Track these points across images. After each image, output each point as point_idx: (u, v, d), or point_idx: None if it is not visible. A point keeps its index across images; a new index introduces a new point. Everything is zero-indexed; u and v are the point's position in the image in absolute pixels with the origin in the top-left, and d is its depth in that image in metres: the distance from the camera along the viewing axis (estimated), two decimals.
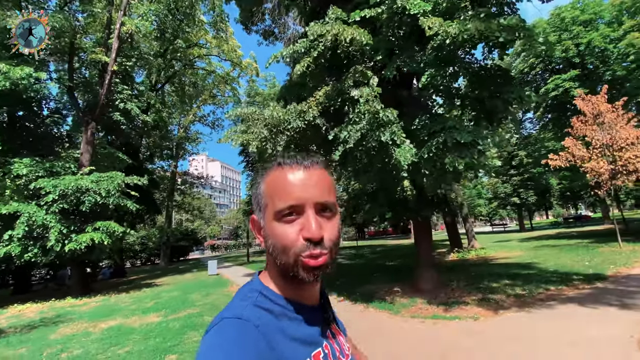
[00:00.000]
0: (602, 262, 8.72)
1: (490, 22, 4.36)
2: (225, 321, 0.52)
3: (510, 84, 5.55)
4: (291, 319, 0.57)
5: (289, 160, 0.61)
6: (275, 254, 0.57)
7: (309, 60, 6.46)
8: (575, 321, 4.61)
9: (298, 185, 0.58)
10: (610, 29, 22.67)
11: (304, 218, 0.56)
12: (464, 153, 4.97)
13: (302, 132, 6.67)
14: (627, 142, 10.38)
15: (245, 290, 0.62)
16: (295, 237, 0.55)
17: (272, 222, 0.57)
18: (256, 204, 0.63)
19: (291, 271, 0.56)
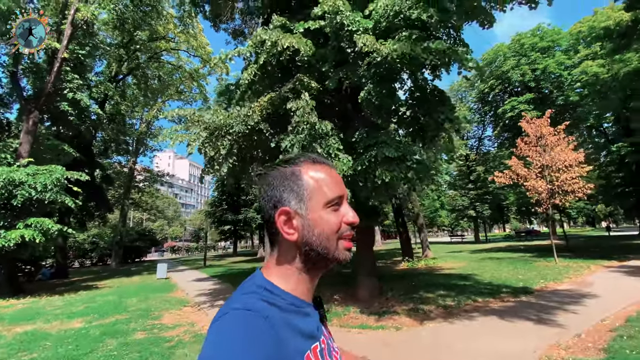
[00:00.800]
0: (534, 277, 9.27)
1: (415, 45, 4.52)
2: (235, 312, 0.52)
3: (444, 105, 5.80)
4: (294, 312, 0.59)
5: (318, 158, 0.67)
6: (319, 240, 0.62)
7: (256, 67, 6.41)
8: (489, 334, 4.82)
9: (338, 180, 0.66)
10: (566, 57, 24.48)
11: (344, 207, 0.65)
12: (392, 167, 5.10)
13: (246, 137, 6.57)
14: (564, 164, 11.19)
15: (249, 285, 0.62)
16: (340, 222, 0.63)
17: (321, 210, 0.62)
18: (295, 195, 0.63)
19: (332, 254, 0.63)
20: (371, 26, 5.63)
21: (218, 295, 9.75)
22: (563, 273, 9.51)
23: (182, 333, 5.91)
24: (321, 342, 0.63)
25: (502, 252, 17.80)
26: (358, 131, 6.18)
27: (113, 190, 27.57)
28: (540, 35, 25.36)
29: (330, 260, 0.63)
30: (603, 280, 8.49)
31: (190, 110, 6.28)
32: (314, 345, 0.60)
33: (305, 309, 0.63)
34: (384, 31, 5.68)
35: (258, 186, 0.70)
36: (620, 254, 13.07)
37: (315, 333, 0.62)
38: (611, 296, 6.64)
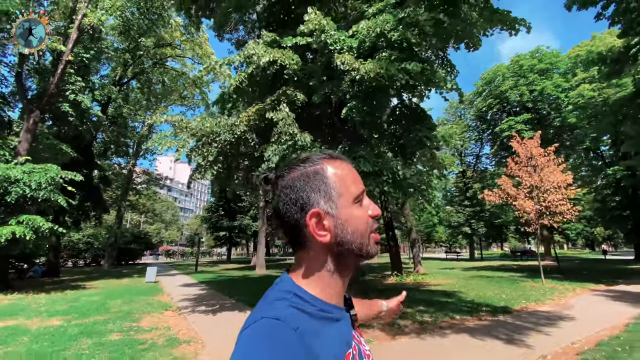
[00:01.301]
0: (517, 297, 9.25)
1: (390, 65, 4.72)
2: (264, 321, 0.52)
3: (422, 123, 5.96)
4: (325, 319, 0.58)
5: (335, 154, 0.67)
6: (354, 237, 0.61)
7: (244, 76, 6.64)
8: (456, 351, 4.85)
9: (357, 175, 0.66)
10: (563, 79, 24.80)
11: (366, 201, 0.65)
12: (368, 182, 5.22)
13: (233, 145, 6.74)
14: (553, 185, 11.28)
15: (278, 290, 0.60)
16: (367, 217, 0.63)
17: (351, 207, 0.62)
18: (323, 194, 0.61)
19: (365, 249, 0.62)
20: (356, 45, 5.85)
21: (201, 301, 9.77)
22: (547, 294, 9.49)
23: (157, 336, 5.95)
24: (353, 349, 0.61)
25: (494, 271, 17.72)
26: (340, 145, 6.34)
27: (111, 192, 27.76)
28: (539, 58, 25.78)
29: (362, 256, 0.63)
30: (585, 303, 8.47)
31: (178, 117, 6.46)
32: (347, 352, 0.58)
33: (336, 314, 0.61)
34: (368, 50, 5.90)
35: (263, 191, 0.74)
36: (610, 278, 13.01)
37: (347, 340, 0.61)
38: (589, 320, 6.64)
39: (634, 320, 6.47)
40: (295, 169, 0.64)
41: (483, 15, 6.24)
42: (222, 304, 9.26)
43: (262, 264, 20.72)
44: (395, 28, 5.42)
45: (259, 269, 20.40)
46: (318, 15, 5.48)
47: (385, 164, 5.48)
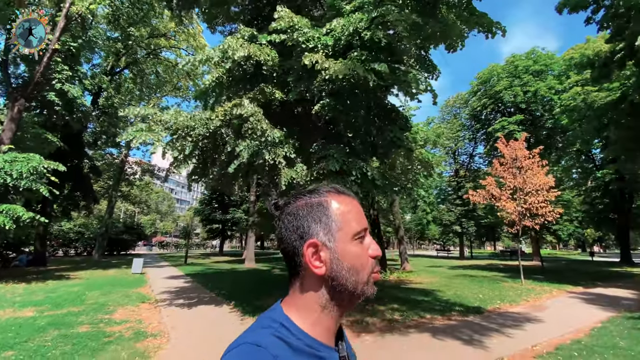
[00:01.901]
0: (494, 297, 9.35)
1: (358, 65, 4.69)
2: (245, 346, 0.53)
3: (395, 124, 5.96)
4: (308, 355, 0.57)
5: (341, 189, 0.67)
6: (350, 274, 0.60)
7: (222, 71, 6.59)
8: (414, 351, 4.91)
9: (362, 212, 0.66)
10: (557, 81, 24.76)
11: (368, 239, 0.64)
12: (336, 181, 5.23)
13: (208, 139, 6.72)
14: (535, 187, 11.34)
15: (266, 318, 0.61)
16: (367, 257, 0.62)
17: (350, 243, 0.61)
18: (323, 226, 0.62)
19: (360, 289, 0.61)
20: (331, 43, 5.81)
21: (182, 294, 9.82)
22: (523, 295, 9.59)
23: (126, 329, 5.99)
24: None
25: (479, 270, 17.87)
26: (316, 143, 6.33)
27: (102, 182, 27.66)
28: (534, 59, 25.71)
29: (357, 295, 0.61)
30: (559, 305, 8.58)
31: (151, 110, 6.42)
32: None
33: (321, 353, 0.59)
34: (343, 49, 5.86)
35: (276, 216, 0.68)
36: (590, 280, 13.15)
37: None
38: (557, 322, 6.73)
39: (601, 324, 6.56)
40: (301, 198, 0.65)
41: (461, 17, 6.20)
42: (201, 297, 9.30)
43: (251, 257, 20.80)
44: (368, 27, 5.39)
45: (248, 262, 20.49)
46: (289, 13, 5.43)
47: (354, 163, 5.48)
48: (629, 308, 7.99)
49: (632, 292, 10.42)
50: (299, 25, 5.52)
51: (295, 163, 6.04)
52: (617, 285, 12.01)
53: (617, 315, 7.23)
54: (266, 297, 8.93)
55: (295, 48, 5.74)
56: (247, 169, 6.11)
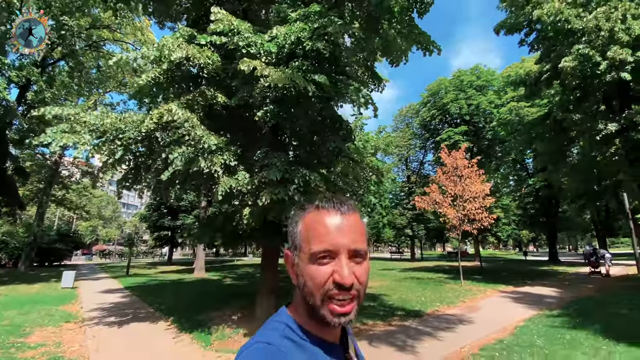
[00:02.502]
0: (434, 299, 9.82)
1: (297, 76, 4.67)
2: (258, 344, 0.57)
3: (338, 134, 6.02)
4: (312, 352, 0.60)
5: (326, 203, 0.64)
6: (305, 292, 0.61)
7: (159, 71, 6.19)
8: None
9: (334, 231, 0.61)
10: (496, 96, 27.09)
11: (337, 263, 0.60)
12: (277, 189, 5.13)
13: (140, 144, 6.25)
14: (472, 195, 12.19)
15: (273, 321, 0.65)
16: (326, 279, 0.59)
17: (306, 262, 0.61)
18: (292, 242, 0.66)
19: (318, 311, 0.59)
20: (275, 50, 5.72)
21: (115, 310, 9.00)
22: (461, 296, 10.21)
23: (40, 355, 5.32)
24: None
25: (427, 272, 18.78)
26: (259, 150, 6.18)
27: (31, 185, 24.75)
28: (477, 74, 27.93)
29: (320, 317, 0.59)
30: (490, 305, 9.24)
31: (72, 110, 5.81)
32: None
33: (325, 350, 0.62)
34: (286, 57, 5.80)
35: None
36: (520, 279, 14.41)
37: None
38: (486, 323, 7.21)
39: (524, 322, 7.14)
40: (295, 211, 0.69)
41: (401, 34, 6.47)
42: (137, 313, 8.60)
43: (201, 266, 19.82)
44: (310, 37, 5.39)
45: (198, 272, 19.49)
46: (227, 15, 5.26)
47: (297, 171, 5.42)
48: (550, 306, 8.83)
49: (554, 290, 11.58)
50: (240, 28, 5.36)
51: (237, 171, 5.82)
52: (543, 284, 13.28)
53: (538, 314, 7.94)
54: (210, 310, 8.50)
55: (236, 52, 5.57)
56: (185, 176, 5.77)
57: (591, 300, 9.34)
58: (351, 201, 0.67)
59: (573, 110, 11.75)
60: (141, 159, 6.43)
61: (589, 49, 10.13)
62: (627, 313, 7.47)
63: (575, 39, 10.83)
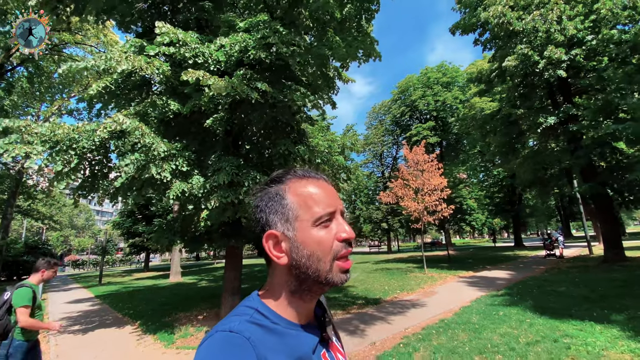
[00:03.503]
0: (396, 287, 10.41)
1: (238, 84, 4.99)
2: (217, 334, 0.54)
3: (289, 138, 6.39)
4: (285, 335, 0.58)
5: (307, 173, 0.65)
6: (310, 261, 0.59)
7: (109, 80, 6.33)
8: None
9: (329, 194, 0.63)
10: (460, 92, 28.23)
11: (336, 222, 0.62)
12: (226, 193, 5.43)
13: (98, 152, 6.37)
14: (431, 187, 12.89)
15: (241, 307, 0.62)
16: (333, 240, 0.60)
17: (309, 229, 0.60)
18: (280, 216, 0.61)
19: (324, 276, 0.60)
20: (224, 59, 5.99)
21: (82, 318, 9.02)
22: (421, 283, 10.86)
23: None
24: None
25: (399, 263, 19.53)
26: (214, 155, 6.44)
27: None
28: (443, 72, 29.01)
29: (323, 283, 0.60)
30: (446, 289, 9.91)
31: (21, 122, 5.87)
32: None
33: (299, 332, 0.61)
34: (234, 65, 6.09)
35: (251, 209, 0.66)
36: (483, 265, 15.35)
37: (309, 357, 0.59)
38: (437, 305, 7.81)
39: (469, 303, 7.79)
40: (263, 189, 0.66)
41: (346, 41, 6.90)
42: (103, 320, 8.67)
43: (177, 271, 19.74)
44: (254, 47, 5.70)
45: (173, 276, 19.42)
46: (171, 29, 5.49)
47: (247, 174, 5.74)
48: (498, 287, 9.59)
49: (508, 273, 12.48)
50: (186, 40, 5.60)
51: (192, 175, 6.08)
52: (501, 268, 14.23)
53: (485, 295, 8.65)
54: (179, 312, 8.69)
55: (183, 63, 5.81)
56: (142, 182, 5.96)
57: (536, 280, 10.20)
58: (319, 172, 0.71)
59: (520, 106, 12.68)
60: (97, 166, 6.55)
61: (528, 49, 10.97)
62: (562, 290, 8.28)
63: (518, 39, 11.68)
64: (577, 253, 18.27)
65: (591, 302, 6.64)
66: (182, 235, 6.87)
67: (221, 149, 6.64)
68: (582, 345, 4.33)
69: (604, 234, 12.39)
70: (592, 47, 10.85)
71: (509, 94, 13.10)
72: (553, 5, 11.15)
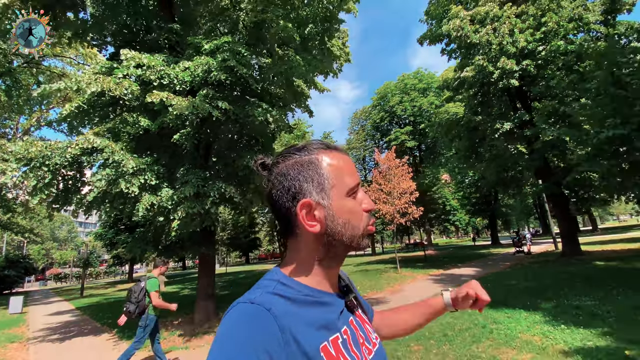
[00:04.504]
0: (368, 287, 10.96)
1: (200, 103, 5.50)
2: (239, 305, 0.54)
3: (252, 151, 6.92)
4: (310, 304, 0.59)
5: (331, 145, 0.66)
6: (345, 229, 0.61)
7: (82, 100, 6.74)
8: None
9: (353, 167, 0.66)
10: (435, 98, 29.28)
11: (361, 194, 0.65)
12: (193, 204, 5.90)
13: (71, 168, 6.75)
14: (401, 191, 13.58)
15: (264, 280, 0.62)
16: (361, 210, 0.63)
17: (344, 199, 0.62)
18: (316, 185, 0.61)
19: (356, 241, 0.62)
20: (189, 80, 6.49)
21: (62, 329, 9.26)
22: (392, 282, 11.46)
23: None
24: (342, 333, 0.60)
25: (379, 264, 20.07)
26: (182, 168, 6.90)
27: None
28: (419, 78, 30.06)
29: (352, 247, 0.63)
30: (413, 288, 10.50)
31: None
32: (333, 336, 0.58)
33: (323, 299, 0.62)
34: (198, 85, 6.59)
35: (263, 177, 0.67)
36: (455, 263, 16.08)
37: (335, 324, 0.60)
38: (398, 302, 8.37)
39: None
40: (290, 157, 0.64)
41: (306, 59, 7.50)
42: (82, 329, 8.94)
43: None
44: (216, 69, 6.23)
45: None
46: (136, 55, 5.96)
47: (213, 185, 6.23)
48: (460, 283, 10.24)
49: (475, 270, 13.22)
50: (151, 64, 6.08)
51: (161, 188, 6.51)
52: (471, 265, 14.97)
53: None
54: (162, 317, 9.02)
55: (149, 85, 6.27)
56: (114, 195, 6.35)
57: (496, 275, 10.93)
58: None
59: (480, 113, 13.56)
60: (70, 181, 6.92)
61: (484, 60, 11.83)
62: (512, 284, 8.98)
63: (475, 51, 12.55)
64: (545, 249, 19.26)
65: (531, 293, 7.33)
66: (154, 244, 7.28)
67: (190, 162, 7.11)
68: (504, 330, 4.96)
69: (562, 230, 13.29)
70: (542, 58, 11.78)
71: (470, 102, 13.97)
72: (505, 19, 12.06)
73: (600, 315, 4.99)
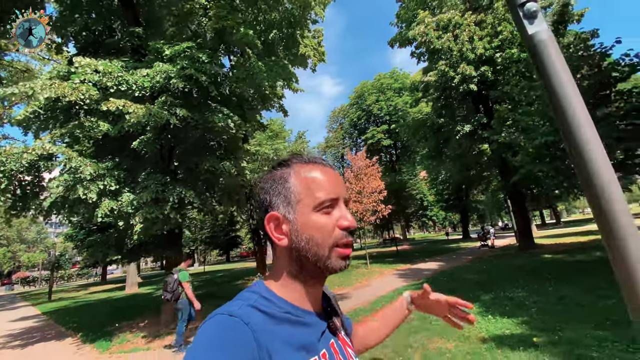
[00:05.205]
0: (336, 283, 11.32)
1: (157, 110, 5.64)
2: (216, 317, 0.53)
3: (214, 155, 7.09)
4: (290, 323, 0.57)
5: (313, 158, 0.66)
6: (309, 246, 0.59)
7: (37, 105, 6.68)
8: None
9: (333, 181, 0.63)
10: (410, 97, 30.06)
11: (338, 210, 0.62)
12: (151, 209, 6.03)
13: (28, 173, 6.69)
14: (370, 190, 14.06)
15: (246, 292, 0.61)
16: (333, 227, 0.60)
17: (310, 214, 0.60)
18: (282, 199, 0.62)
19: (323, 262, 0.59)
20: (149, 86, 6.56)
21: (24, 335, 9.13)
22: (360, 278, 11.91)
23: None
24: (321, 356, 0.59)
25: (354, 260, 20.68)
26: (144, 173, 6.99)
27: None
28: (395, 78, 30.75)
29: (322, 269, 0.60)
30: (379, 282, 10.98)
31: None
32: (312, 359, 0.57)
33: (305, 319, 0.60)
34: (158, 91, 6.68)
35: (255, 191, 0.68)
36: (423, 257, 16.78)
37: (314, 346, 0.59)
38: (360, 297, 8.76)
39: (386, 293, 8.84)
40: (271, 172, 0.66)
41: (267, 65, 7.71)
42: (45, 335, 8.86)
43: (133, 282, 19.59)
44: (176, 76, 6.35)
45: (130, 288, 19.26)
46: (91, 62, 6.00)
47: (173, 190, 6.37)
48: (421, 277, 10.83)
49: (439, 264, 13.90)
50: (107, 70, 6.12)
51: (121, 193, 6.59)
52: (437, 260, 15.69)
53: (406, 284, 9.80)
54: (122, 321, 9.03)
55: (107, 91, 6.32)
56: (73, 201, 6.36)
57: (456, 269, 11.59)
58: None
59: (444, 115, 14.23)
60: (28, 186, 6.87)
61: (446, 65, 12.42)
62: (467, 277, 9.60)
63: (438, 56, 13.13)
64: (508, 243, 20.40)
65: (478, 286, 7.93)
66: (117, 248, 7.33)
67: (151, 167, 7.20)
68: (435, 320, 5.42)
69: (518, 225, 14.22)
70: (499, 64, 12.49)
71: (434, 105, 14.62)
72: (465, 27, 12.68)
73: (526, 306, 5.55)
